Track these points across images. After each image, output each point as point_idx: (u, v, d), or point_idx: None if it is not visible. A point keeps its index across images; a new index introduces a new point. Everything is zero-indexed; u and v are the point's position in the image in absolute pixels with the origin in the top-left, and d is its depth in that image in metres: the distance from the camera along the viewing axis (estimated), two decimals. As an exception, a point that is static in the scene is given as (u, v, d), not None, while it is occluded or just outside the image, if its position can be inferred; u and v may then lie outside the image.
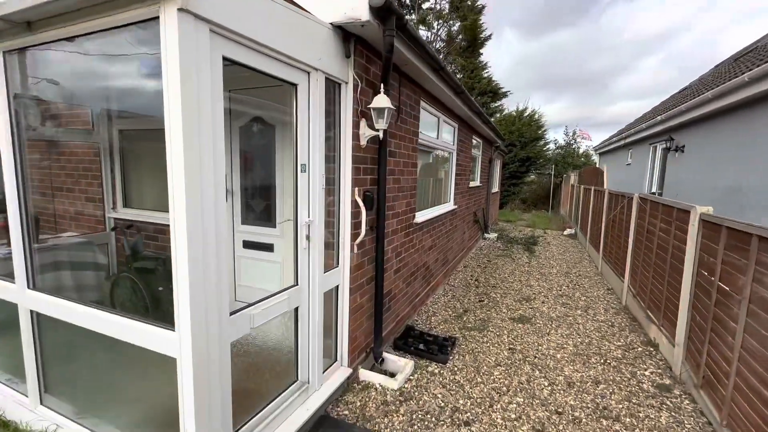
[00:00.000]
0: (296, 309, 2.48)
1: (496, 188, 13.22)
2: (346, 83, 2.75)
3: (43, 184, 4.13)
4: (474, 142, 8.06)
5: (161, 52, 1.53)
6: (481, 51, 18.68)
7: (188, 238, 1.59)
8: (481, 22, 17.74)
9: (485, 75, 18.58)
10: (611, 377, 3.43)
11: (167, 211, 1.63)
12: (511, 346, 3.98)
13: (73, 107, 4.06)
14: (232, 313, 1.92)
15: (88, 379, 2.37)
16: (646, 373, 3.53)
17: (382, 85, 2.79)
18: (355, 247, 2.94)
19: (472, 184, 8.17)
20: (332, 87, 2.67)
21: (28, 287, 2.29)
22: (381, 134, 2.85)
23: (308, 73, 2.36)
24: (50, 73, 2.41)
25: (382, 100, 2.72)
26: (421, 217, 4.54)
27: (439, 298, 5.42)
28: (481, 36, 18.24)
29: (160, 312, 3.35)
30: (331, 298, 2.89)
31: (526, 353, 3.84)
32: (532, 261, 8.01)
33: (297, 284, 2.46)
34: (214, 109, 1.69)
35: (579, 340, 4.20)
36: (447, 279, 6.30)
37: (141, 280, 3.32)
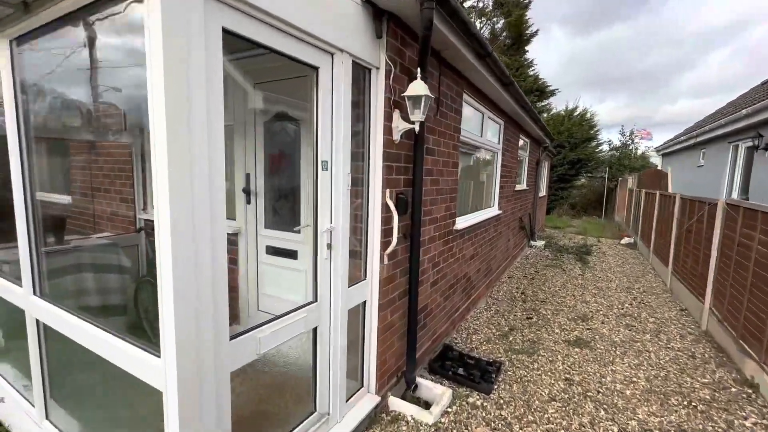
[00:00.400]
0: (315, 329, 2.14)
1: (543, 192, 12.31)
2: (377, 69, 2.39)
3: (81, 184, 4.17)
4: (521, 141, 7.41)
5: (144, 19, 1.25)
6: (526, 48, 17.72)
7: (173, 244, 1.29)
8: (526, 17, 16.83)
9: (531, 73, 17.58)
10: (701, 426, 2.76)
11: None
12: (568, 376, 3.40)
13: (104, 107, 4.05)
14: (233, 337, 1.60)
15: (94, 399, 2.17)
16: (747, 423, 2.82)
17: (418, 69, 2.39)
18: (386, 258, 2.56)
19: (518, 187, 7.52)
20: (360, 73, 2.32)
21: (34, 293, 2.13)
22: (417, 127, 2.45)
23: (331, 54, 2.02)
24: (72, 69, 2.26)
25: (418, 87, 2.33)
26: (462, 223, 4.07)
27: (481, 313, 4.89)
28: (527, 32, 17.30)
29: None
30: (357, 315, 2.52)
31: (586, 386, 3.25)
32: (586, 273, 7.21)
33: (316, 300, 2.12)
34: (211, 89, 1.39)
35: (652, 372, 3.52)
36: (490, 291, 5.75)
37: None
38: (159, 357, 1.42)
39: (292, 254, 3.09)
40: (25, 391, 2.50)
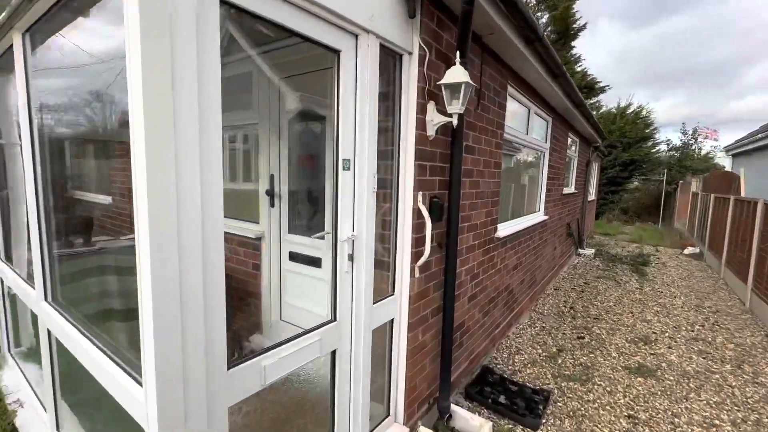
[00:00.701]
0: (333, 353, 1.86)
1: (592, 196, 11.39)
2: (409, 54, 2.08)
3: (121, 184, 4.21)
4: (570, 141, 6.80)
5: (121, -13, 1.03)
6: (573, 44, 16.65)
7: (152, 265, 1.06)
8: (573, 10, 15.80)
9: (578, 69, 16.49)
10: (814, 493, 2.19)
11: (228, 216, 1.18)
12: (632, 413, 2.89)
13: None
14: (232, 366, 1.36)
15: (102, 414, 2.04)
16: None
17: (457, 53, 2.06)
18: (417, 270, 2.24)
19: (566, 190, 6.90)
20: (390, 58, 2.03)
21: (45, 299, 2.03)
22: (455, 121, 2.12)
23: (356, 36, 1.75)
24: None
25: (457, 73, 2.00)
26: (504, 230, 3.66)
27: (525, 330, 4.42)
28: (574, 26, 16.25)
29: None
30: (383, 334, 2.23)
31: (655, 428, 2.73)
32: (644, 287, 6.45)
33: (335, 319, 1.84)
34: (203, 73, 1.15)
35: (739, 414, 2.93)
36: (534, 304, 5.24)
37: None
38: (141, 386, 1.20)
39: (315, 262, 2.86)
40: (43, 396, 2.44)
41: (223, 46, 1.28)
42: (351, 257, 1.86)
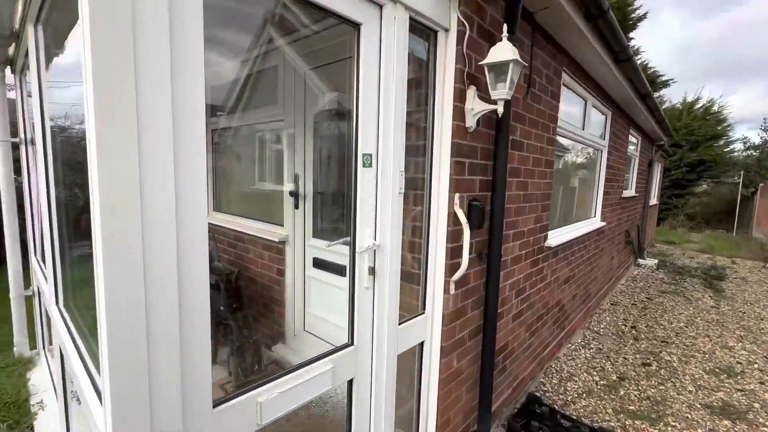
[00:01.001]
0: (350, 383, 1.58)
1: (654, 200, 10.30)
2: (446, 30, 1.77)
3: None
4: (631, 138, 6.07)
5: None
6: (631, 35, 15.31)
7: (104, 254, 0.84)
8: (632, -1, 14.53)
9: (638, 61, 15.12)
10: None
11: (252, 218, 0.99)
12: (719, 467, 2.35)
13: None
14: (218, 403, 1.12)
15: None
16: None
17: (504, 28, 1.72)
18: (453, 285, 1.91)
19: (625, 193, 6.17)
20: (422, 35, 1.73)
21: (56, 303, 1.94)
22: (500, 109, 1.76)
23: (380, 6, 1.46)
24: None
25: (504, 50, 1.65)
26: (555, 238, 3.20)
27: (578, 351, 3.90)
28: (633, 16, 14.93)
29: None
30: (411, 359, 1.92)
31: (754, 491, 2.18)
32: (721, 305, 5.58)
33: (352, 343, 1.56)
34: (180, 45, 0.92)
35: None
36: (587, 321, 4.66)
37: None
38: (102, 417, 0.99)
39: (341, 270, 2.61)
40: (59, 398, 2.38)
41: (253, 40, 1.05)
42: (372, 270, 1.57)
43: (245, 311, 2.88)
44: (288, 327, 3.01)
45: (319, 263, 2.77)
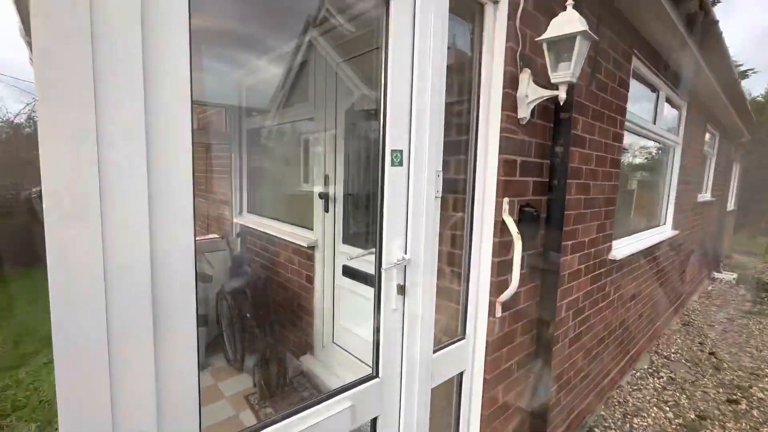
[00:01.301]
0: (373, 421, 1.33)
1: (731, 205, 9.09)
2: (495, 2, 1.48)
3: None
4: (708, 134, 5.31)
5: None
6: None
7: (51, 259, 0.66)
8: (706, -21, 13.06)
9: (711, 50, 13.59)
10: None
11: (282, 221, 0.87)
12: None
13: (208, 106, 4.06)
14: (209, 452, 0.92)
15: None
16: None
17: (569, -6, 1.40)
18: (500, 307, 1.61)
19: (700, 198, 5.41)
20: (464, 8, 1.45)
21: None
22: (562, 94, 1.44)
23: (414, -28, 1.21)
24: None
25: (570, 20, 1.34)
26: (620, 249, 2.76)
27: (645, 379, 3.37)
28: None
29: (238, 362, 2.77)
30: (447, 391, 1.64)
31: None
32: (826, 332, 4.68)
33: (377, 375, 1.32)
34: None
35: None
36: (654, 344, 4.07)
37: (234, 302, 2.81)
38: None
39: (371, 280, 2.37)
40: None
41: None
42: (402, 289, 1.32)
43: (272, 319, 2.74)
44: (317, 338, 2.83)
45: (348, 271, 2.56)
